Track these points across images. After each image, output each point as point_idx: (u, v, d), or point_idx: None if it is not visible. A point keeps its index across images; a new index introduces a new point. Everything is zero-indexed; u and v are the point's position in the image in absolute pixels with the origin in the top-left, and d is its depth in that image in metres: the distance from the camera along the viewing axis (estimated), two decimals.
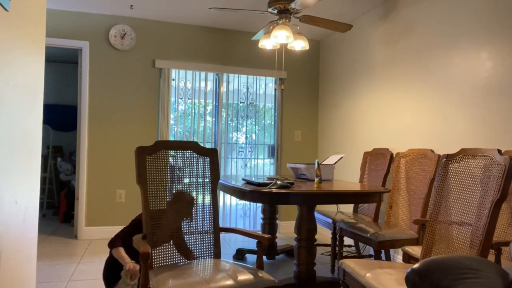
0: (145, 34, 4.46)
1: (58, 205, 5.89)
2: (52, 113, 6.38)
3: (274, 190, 2.33)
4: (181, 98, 4.61)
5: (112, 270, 2.34)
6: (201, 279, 1.69)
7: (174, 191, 2.12)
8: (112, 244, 2.32)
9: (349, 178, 4.31)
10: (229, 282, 1.68)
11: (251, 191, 2.38)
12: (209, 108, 4.74)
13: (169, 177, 2.12)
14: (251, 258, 3.72)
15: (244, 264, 1.95)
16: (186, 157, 2.18)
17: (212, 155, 2.24)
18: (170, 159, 2.14)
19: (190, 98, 4.64)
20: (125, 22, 4.38)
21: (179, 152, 2.17)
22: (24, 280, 1.72)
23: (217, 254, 2.15)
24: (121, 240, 2.32)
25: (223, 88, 4.76)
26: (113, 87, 4.36)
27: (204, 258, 2.12)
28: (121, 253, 2.24)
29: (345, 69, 4.46)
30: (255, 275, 1.77)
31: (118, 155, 4.37)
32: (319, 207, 4.45)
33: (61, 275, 3.08)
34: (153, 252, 1.98)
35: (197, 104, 4.66)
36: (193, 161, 2.20)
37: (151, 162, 2.08)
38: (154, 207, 2.03)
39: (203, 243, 2.14)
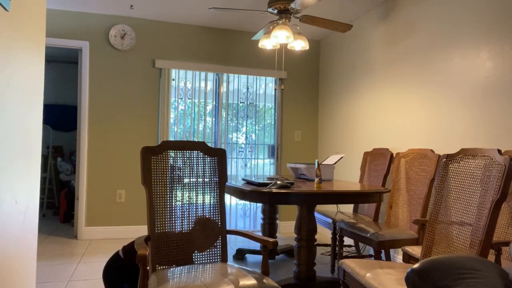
0: (145, 34, 4.46)
1: (58, 205, 5.89)
2: (52, 113, 6.38)
3: (274, 190, 2.33)
4: (181, 98, 4.61)
5: (113, 271, 2.34)
6: (201, 284, 1.67)
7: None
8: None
9: (349, 178, 4.31)
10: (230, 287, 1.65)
11: (251, 191, 2.38)
12: (209, 108, 4.74)
13: (176, 177, 2.09)
14: (251, 258, 3.72)
15: (250, 269, 1.89)
16: (193, 157, 2.15)
17: (220, 155, 2.20)
18: (177, 160, 2.11)
19: (190, 98, 4.64)
20: (125, 22, 4.38)
21: (186, 153, 2.14)
22: (24, 280, 1.72)
23: (224, 258, 2.11)
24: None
25: (223, 88, 4.76)
26: (113, 87, 4.37)
27: (210, 261, 2.09)
28: None
29: (345, 69, 4.46)
30: (260, 281, 1.72)
31: (118, 155, 4.37)
32: (319, 207, 4.45)
33: (61, 275, 3.08)
34: (156, 253, 1.98)
35: (197, 104, 4.66)
36: (200, 162, 2.16)
37: (156, 163, 2.05)
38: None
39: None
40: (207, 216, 2.10)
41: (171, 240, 2.03)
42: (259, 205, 4.81)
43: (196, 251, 2.08)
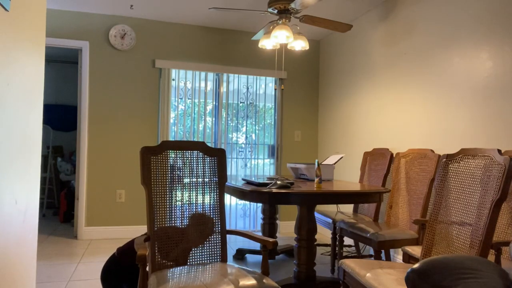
0: (145, 34, 4.46)
1: (58, 205, 5.89)
2: (52, 113, 6.38)
3: (274, 190, 2.33)
4: (181, 98, 4.61)
5: (111, 272, 2.34)
6: (201, 284, 1.67)
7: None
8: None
9: (349, 178, 4.31)
10: None
11: (251, 191, 2.38)
12: (209, 108, 4.74)
13: (176, 177, 2.09)
14: (251, 258, 3.72)
15: (250, 269, 1.88)
16: (193, 157, 2.15)
17: (219, 155, 2.20)
18: (177, 160, 2.11)
19: (190, 98, 4.64)
20: (125, 22, 4.38)
21: (186, 153, 2.14)
22: (24, 280, 1.72)
23: (223, 258, 2.11)
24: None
25: (223, 88, 4.76)
26: (113, 87, 4.37)
27: (210, 261, 2.09)
28: None
29: (345, 69, 4.46)
30: (260, 281, 1.71)
31: (118, 155, 4.37)
32: (319, 207, 4.45)
33: (61, 275, 3.08)
34: (156, 254, 1.97)
35: (197, 104, 4.66)
36: (200, 162, 2.16)
37: (156, 163, 2.05)
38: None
39: (210, 246, 2.10)
40: (201, 212, 2.10)
41: (171, 239, 2.03)
42: (259, 205, 4.81)
43: (194, 249, 2.07)
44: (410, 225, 2.93)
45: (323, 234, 4.78)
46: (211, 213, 2.14)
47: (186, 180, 2.14)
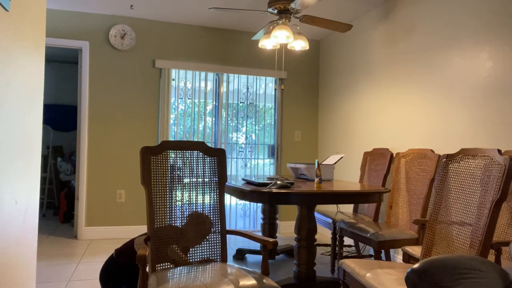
0: (145, 34, 4.46)
1: (58, 205, 5.89)
2: (52, 113, 6.38)
3: (274, 190, 2.33)
4: (181, 98, 4.61)
5: (109, 273, 2.34)
6: (201, 284, 1.67)
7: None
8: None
9: (349, 178, 4.31)
10: None
11: (251, 191, 2.38)
12: (209, 108, 4.74)
13: (175, 178, 2.09)
14: (251, 258, 3.72)
15: (250, 269, 1.88)
16: (193, 157, 2.15)
17: (219, 155, 2.20)
18: (177, 160, 2.10)
19: (190, 98, 4.64)
20: (125, 22, 4.38)
21: (186, 153, 2.14)
22: (24, 280, 1.72)
23: (223, 257, 2.11)
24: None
25: (223, 88, 4.76)
26: (113, 87, 4.37)
27: (210, 261, 2.09)
28: None
29: (345, 69, 4.46)
30: (260, 281, 1.71)
31: (118, 155, 4.37)
32: (319, 207, 4.45)
33: (61, 275, 3.08)
34: (156, 254, 1.97)
35: (197, 104, 4.66)
36: (200, 162, 2.16)
37: (156, 163, 2.05)
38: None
39: (210, 246, 2.11)
40: (199, 211, 2.10)
41: (170, 239, 2.03)
42: (259, 205, 4.81)
43: (193, 249, 2.07)
44: (410, 225, 2.93)
45: (323, 234, 4.78)
46: (211, 213, 2.14)
47: (186, 180, 2.14)
